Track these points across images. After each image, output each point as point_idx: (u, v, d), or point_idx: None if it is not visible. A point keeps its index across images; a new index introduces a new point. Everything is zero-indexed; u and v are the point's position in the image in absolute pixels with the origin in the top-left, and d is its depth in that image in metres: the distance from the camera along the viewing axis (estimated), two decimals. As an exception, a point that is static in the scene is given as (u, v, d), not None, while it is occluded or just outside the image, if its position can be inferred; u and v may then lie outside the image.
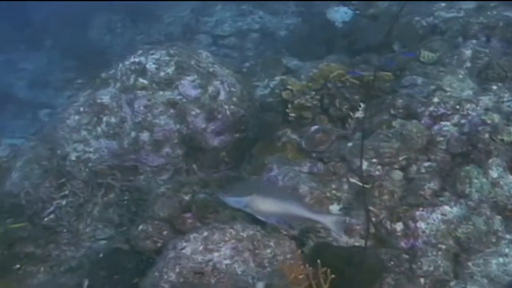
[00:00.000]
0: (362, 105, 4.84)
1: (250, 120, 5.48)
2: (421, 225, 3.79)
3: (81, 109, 5.31)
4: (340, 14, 9.24)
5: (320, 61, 6.33)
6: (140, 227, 4.15)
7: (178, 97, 5.07)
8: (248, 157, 5.45)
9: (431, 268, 3.66)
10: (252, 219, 4.35)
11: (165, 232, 4.15)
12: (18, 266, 4.93)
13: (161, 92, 5.05)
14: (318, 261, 3.01)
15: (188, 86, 5.08)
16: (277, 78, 6.63)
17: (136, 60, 5.18)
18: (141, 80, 5.05)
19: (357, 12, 8.13)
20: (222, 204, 4.04)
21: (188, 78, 5.09)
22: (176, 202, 4.23)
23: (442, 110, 4.31)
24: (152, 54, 5.19)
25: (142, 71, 5.10)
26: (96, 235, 5.28)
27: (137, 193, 5.32)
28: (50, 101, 13.10)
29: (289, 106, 4.91)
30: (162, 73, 5.07)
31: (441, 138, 4.18)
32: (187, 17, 11.85)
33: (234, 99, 5.32)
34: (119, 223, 5.31)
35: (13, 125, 12.44)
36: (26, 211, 5.22)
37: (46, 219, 5.24)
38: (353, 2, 8.41)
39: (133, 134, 5.10)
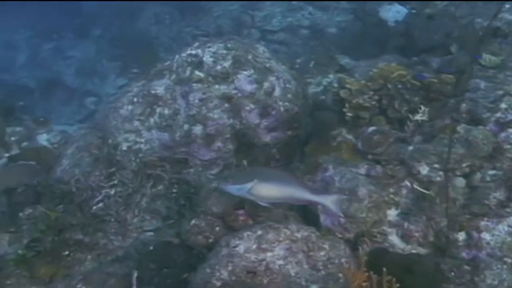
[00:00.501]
0: (422, 107, 4.68)
1: (303, 118, 5.37)
2: (486, 236, 3.64)
3: (135, 99, 5.29)
4: (392, 13, 9.04)
5: (374, 61, 6.19)
6: (193, 221, 4.10)
7: (234, 92, 4.99)
8: (300, 155, 5.36)
9: (495, 282, 3.50)
10: (305, 219, 4.29)
11: (217, 228, 4.09)
12: (67, 252, 4.96)
13: (216, 86, 4.98)
14: (384, 269, 2.89)
15: (244, 81, 5.00)
16: (331, 75, 6.50)
17: (193, 52, 5.13)
18: (197, 72, 4.99)
19: (413, 11, 7.92)
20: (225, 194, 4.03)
21: (245, 72, 5.01)
22: (230, 198, 4.17)
23: (510, 117, 4.12)
24: (209, 47, 5.13)
25: (198, 64, 5.05)
26: (143, 226, 5.26)
27: (186, 186, 5.26)
28: (96, 89, 13.29)
29: (347, 105, 4.80)
30: (218, 67, 5.00)
31: (508, 146, 4.01)
32: (236, 11, 11.80)
33: (289, 95, 5.23)
34: (166, 216, 5.27)
35: (60, 111, 12.68)
36: (75, 199, 5.23)
37: (94, 207, 5.24)
38: (409, 1, 8.21)
39: (185, 126, 5.05)
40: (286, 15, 11.48)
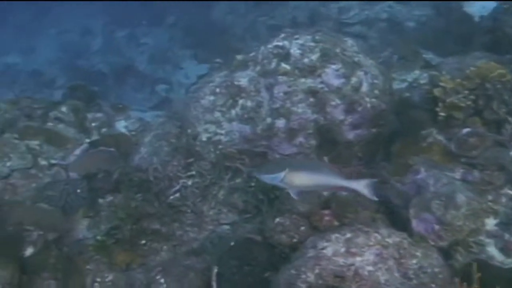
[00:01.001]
0: (523, 110, 4.37)
1: (389, 115, 5.12)
2: None
3: (217, 90, 5.20)
4: (477, 7, 8.62)
5: (462, 57, 5.84)
6: (277, 219, 3.97)
7: (320, 86, 4.81)
8: (383, 154, 5.13)
9: None
10: (393, 223, 4.08)
11: (302, 228, 3.94)
12: (144, 241, 4.95)
13: (302, 79, 4.82)
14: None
15: (331, 75, 4.81)
16: (416, 71, 6.19)
17: (280, 44, 4.98)
18: (283, 65, 4.84)
19: (505, 6, 7.48)
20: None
21: (333, 66, 4.82)
22: (316, 197, 4.01)
23: None
24: (297, 39, 4.96)
25: (285, 56, 4.90)
26: (219, 219, 5.17)
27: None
28: (167, 77, 13.41)
29: (440, 104, 4.53)
30: (306, 60, 4.83)
31: None
32: (312, 2, 11.55)
33: (376, 91, 5.00)
34: (243, 209, 5.16)
35: (133, 97, 12.86)
36: (153, 188, 5.21)
37: (171, 197, 5.20)
38: (496, -5, 7.74)
39: (268, 120, 4.92)
40: (363, 8, 11.16)
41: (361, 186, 3.54)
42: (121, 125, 6.38)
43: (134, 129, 6.30)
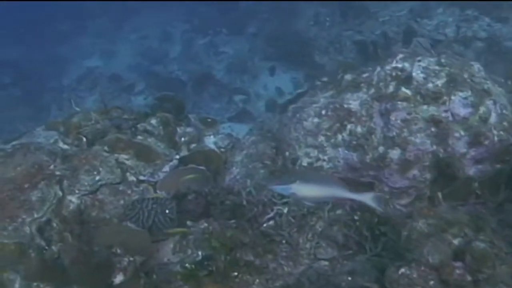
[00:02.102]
0: None
1: (516, 150, 4.51)
2: None
3: (323, 112, 4.75)
4: None
5: None
6: (402, 270, 3.45)
7: (444, 115, 4.27)
8: (507, 194, 4.52)
9: None
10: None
11: (431, 282, 3.41)
12: (236, 273, 4.52)
13: (424, 106, 4.29)
14: None
15: (458, 103, 4.26)
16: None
17: (399, 66, 4.47)
18: (404, 89, 4.33)
19: None
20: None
21: (460, 94, 4.27)
22: (447, 246, 3.47)
23: None
24: (419, 61, 4.44)
25: (405, 80, 4.38)
26: (316, 253, 4.69)
27: (369, 214, 4.63)
28: (245, 87, 13.08)
29: None
30: (430, 85, 4.30)
31: None
32: (404, 17, 10.96)
33: (505, 123, 4.41)
34: (343, 244, 4.67)
35: (210, 106, 12.63)
36: (246, 213, 4.80)
37: (265, 225, 4.78)
38: None
39: (380, 149, 4.42)
40: (459, 25, 10.47)
41: (368, 198, 3.59)
42: (210, 141, 6.02)
43: (224, 146, 5.92)
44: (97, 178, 4.85)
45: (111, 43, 16.57)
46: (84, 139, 5.24)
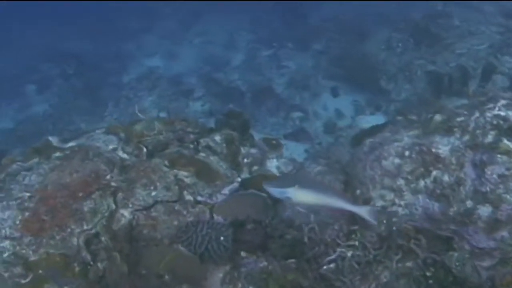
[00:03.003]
0: None
1: None
2: None
3: (406, 153, 4.29)
4: None
5: None
6: None
7: (551, 174, 3.75)
8: None
9: None
10: None
11: None
12: (292, 320, 4.11)
13: (527, 164, 3.78)
14: None
15: None
16: None
17: (502, 114, 3.97)
18: (506, 141, 3.83)
19: None
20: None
21: None
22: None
23: None
24: (523, 110, 3.94)
25: (508, 131, 3.88)
26: (380, 307, 4.24)
27: (444, 272, 4.15)
28: (304, 105, 12.66)
29: None
30: (537, 140, 3.79)
31: None
32: (483, 51, 10.33)
33: None
34: (411, 301, 4.20)
35: (266, 120, 12.25)
36: (306, 251, 4.39)
37: (325, 267, 4.35)
38: None
39: (468, 203, 3.93)
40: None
41: (364, 211, 3.66)
42: (272, 165, 5.63)
43: (287, 171, 5.52)
44: (153, 193, 4.53)
45: (175, 45, 16.44)
46: (145, 150, 4.94)
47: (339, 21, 14.49)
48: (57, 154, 4.98)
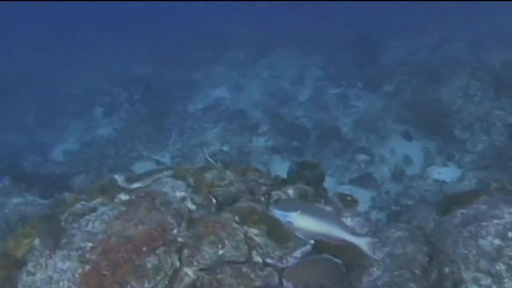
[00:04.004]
0: None
1: None
2: None
3: (509, 234, 3.76)
4: None
5: None
6: None
7: None
8: None
9: None
10: None
11: None
12: None
13: None
14: None
15: None
16: None
17: None
18: None
19: None
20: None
21: None
22: None
23: None
24: None
25: None
26: None
27: None
28: (370, 148, 12.12)
29: None
30: None
31: None
32: None
33: None
34: None
35: (330, 162, 11.78)
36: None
37: None
38: None
39: None
40: None
41: (364, 243, 3.51)
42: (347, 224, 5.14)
43: (362, 234, 5.02)
44: (221, 252, 4.14)
45: (242, 77, 16.26)
46: (214, 201, 4.58)
47: (412, 62, 13.98)
48: (122, 196, 4.73)
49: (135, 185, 5.15)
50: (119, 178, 5.22)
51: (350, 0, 20.77)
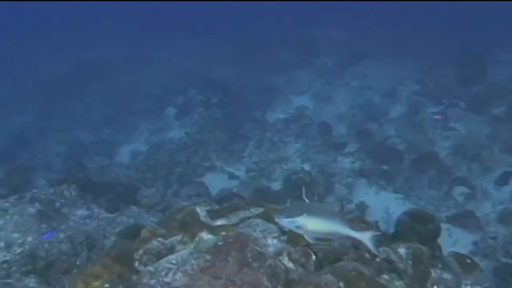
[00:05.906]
0: None
1: None
2: None
3: None
4: None
5: None
6: None
7: None
8: None
9: None
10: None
11: None
12: None
13: None
14: None
15: None
16: None
17: None
18: None
19: None
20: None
21: None
22: None
23: None
24: None
25: None
26: None
27: None
28: (471, 180, 11.34)
29: None
30: None
31: None
32: None
33: None
34: None
35: (423, 192, 11.10)
36: None
37: None
38: None
39: None
40: None
41: (366, 237, 3.73)
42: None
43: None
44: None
45: (329, 85, 15.77)
46: (314, 257, 4.12)
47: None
48: (205, 235, 4.38)
49: (219, 221, 4.83)
50: (200, 212, 4.94)
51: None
